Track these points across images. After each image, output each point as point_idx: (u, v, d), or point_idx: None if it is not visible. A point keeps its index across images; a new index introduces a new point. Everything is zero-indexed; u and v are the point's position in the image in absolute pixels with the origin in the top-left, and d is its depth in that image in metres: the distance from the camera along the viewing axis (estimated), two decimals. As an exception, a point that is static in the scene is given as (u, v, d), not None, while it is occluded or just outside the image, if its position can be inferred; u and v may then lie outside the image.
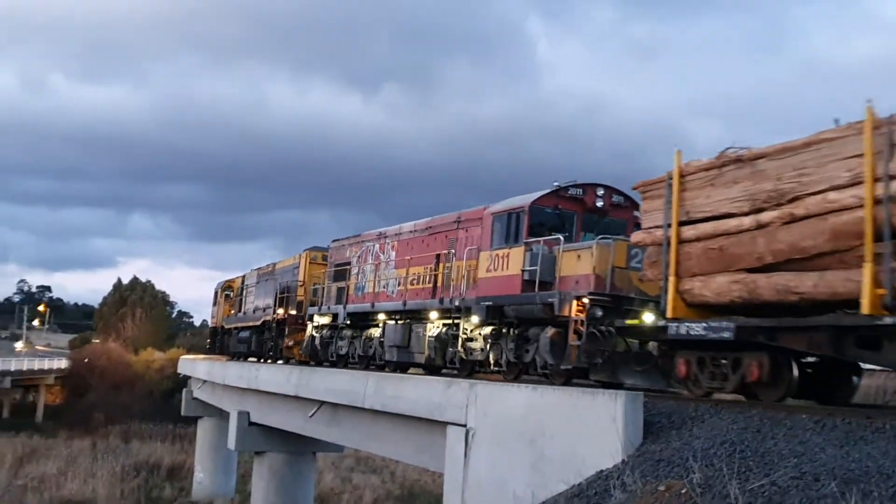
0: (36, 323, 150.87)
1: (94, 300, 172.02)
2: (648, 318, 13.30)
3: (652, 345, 13.88)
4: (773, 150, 11.12)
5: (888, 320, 9.04)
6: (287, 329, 32.22)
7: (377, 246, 24.95)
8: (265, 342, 35.28)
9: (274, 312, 34.03)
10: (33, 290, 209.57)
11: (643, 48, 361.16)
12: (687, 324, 11.79)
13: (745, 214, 11.29)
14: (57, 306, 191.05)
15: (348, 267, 26.41)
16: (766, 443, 9.35)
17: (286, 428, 25.20)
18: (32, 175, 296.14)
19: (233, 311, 43.70)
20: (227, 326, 44.66)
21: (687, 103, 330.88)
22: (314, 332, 28.16)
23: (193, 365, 44.77)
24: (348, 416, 20.03)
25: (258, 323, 36.53)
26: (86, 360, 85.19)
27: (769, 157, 11.17)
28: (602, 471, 10.03)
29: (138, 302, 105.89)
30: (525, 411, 12.06)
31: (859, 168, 9.67)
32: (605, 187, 17.94)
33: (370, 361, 24.33)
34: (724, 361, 11.81)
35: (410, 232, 23.16)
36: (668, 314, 12.22)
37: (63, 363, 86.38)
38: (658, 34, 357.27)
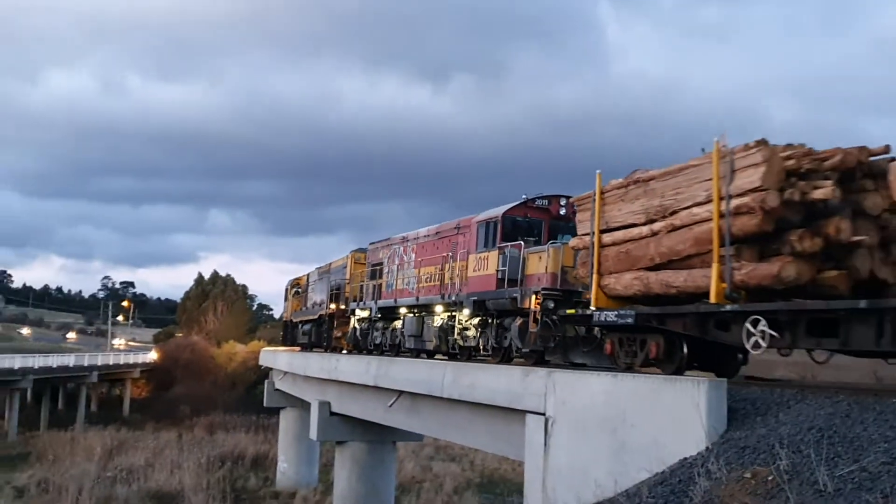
0: (120, 318, 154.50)
1: (176, 295, 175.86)
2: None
3: (597, 329, 16.39)
4: (659, 173, 14.02)
5: (728, 308, 12.02)
6: (336, 322, 36.06)
7: (401, 248, 28.42)
8: (321, 334, 39.09)
9: (327, 307, 37.60)
10: (117, 286, 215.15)
11: (713, 30, 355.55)
12: (605, 312, 14.73)
13: (643, 224, 14.22)
14: (140, 301, 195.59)
15: (381, 267, 29.94)
16: (854, 428, 9.12)
17: (366, 418, 25.43)
18: (115, 174, 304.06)
19: (299, 306, 46.33)
20: (294, 320, 47.55)
21: (760, 84, 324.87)
22: (356, 325, 31.75)
23: (274, 357, 45.46)
24: (427, 406, 20.13)
25: (316, 317, 40.46)
26: (170, 355, 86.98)
27: (657, 178, 14.03)
28: (685, 458, 9.91)
29: (219, 296, 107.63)
30: (605, 399, 11.99)
31: (711, 189, 12.52)
32: (567, 197, 20.84)
33: (398, 349, 27.66)
34: (634, 341, 14.76)
35: (425, 236, 26.58)
36: (592, 305, 15.19)
37: (148, 357, 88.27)
38: (728, 15, 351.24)
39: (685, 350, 13.80)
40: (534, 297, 18.45)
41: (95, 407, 78.24)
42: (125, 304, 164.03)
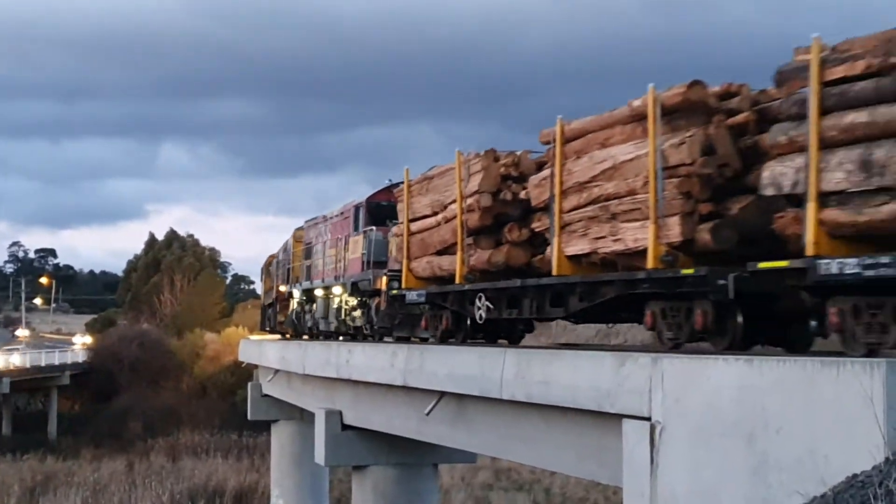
0: (38, 301, 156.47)
1: (117, 266, 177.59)
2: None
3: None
4: (436, 172, 23.87)
5: (466, 287, 21.83)
6: (280, 305, 47.45)
7: (324, 228, 37.81)
8: (270, 318, 50.13)
9: (277, 290, 47.88)
10: (31, 255, 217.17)
11: None
12: (413, 291, 24.39)
13: (431, 216, 23.81)
14: (66, 277, 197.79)
15: (310, 246, 39.96)
16: None
17: (394, 431, 25.65)
18: (23, 97, 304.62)
19: (271, 287, 52.00)
20: (265, 303, 54.47)
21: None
22: (294, 307, 42.36)
23: (260, 349, 45.78)
24: (480, 412, 20.26)
25: (271, 299, 50.21)
26: (111, 349, 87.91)
27: (436, 177, 23.90)
28: (855, 475, 9.92)
29: (176, 265, 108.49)
30: (737, 395, 12.00)
31: (457, 189, 21.94)
32: None
33: (318, 332, 38.27)
34: (438, 317, 24.44)
35: (337, 216, 35.89)
36: (403, 285, 24.85)
37: (80, 355, 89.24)
38: None
39: (468, 323, 23.04)
40: (384, 277, 27.68)
41: (9, 429, 79.26)
42: (43, 280, 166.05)
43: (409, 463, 29.18)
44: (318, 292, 37.31)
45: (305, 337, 40.71)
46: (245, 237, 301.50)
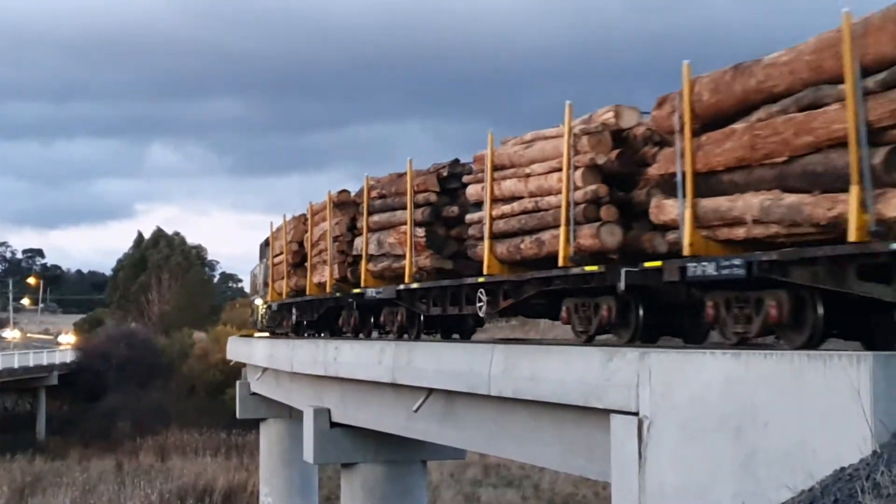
0: (26, 301, 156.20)
1: (106, 266, 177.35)
2: None
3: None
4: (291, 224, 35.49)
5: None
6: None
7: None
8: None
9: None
10: (19, 255, 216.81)
11: None
12: (273, 303, 39.03)
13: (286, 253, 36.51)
14: (53, 277, 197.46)
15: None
16: None
17: (382, 429, 25.63)
18: (15, 98, 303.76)
19: None
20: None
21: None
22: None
23: (249, 347, 45.69)
24: (468, 408, 20.25)
25: None
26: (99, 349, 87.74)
27: (289, 223, 36.24)
28: (843, 468, 9.92)
29: (164, 263, 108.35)
30: (725, 389, 12.00)
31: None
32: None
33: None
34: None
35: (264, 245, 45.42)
36: (269, 299, 40.92)
37: (68, 355, 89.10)
38: None
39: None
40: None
41: (-4, 429, 79.09)
42: (31, 280, 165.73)
43: (398, 460, 29.13)
44: (258, 301, 48.59)
45: (266, 334, 45.28)
46: (233, 236, 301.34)
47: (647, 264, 15.98)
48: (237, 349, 49.15)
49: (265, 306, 43.84)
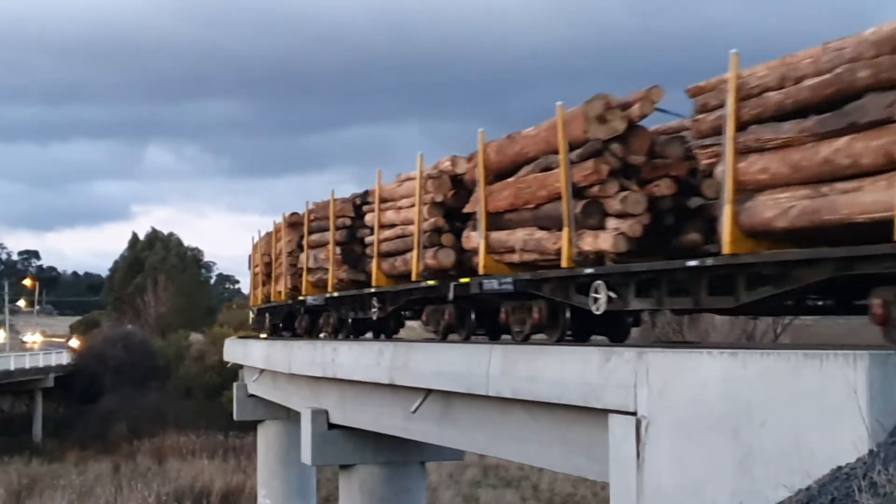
0: (21, 303, 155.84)
1: (103, 268, 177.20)
2: None
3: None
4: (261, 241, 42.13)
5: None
6: None
7: None
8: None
9: None
10: (14, 257, 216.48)
11: None
12: (255, 307, 43.36)
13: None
14: (50, 279, 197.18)
15: None
16: None
17: (381, 430, 25.66)
18: (11, 101, 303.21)
19: None
20: None
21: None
22: None
23: (245, 349, 45.67)
24: (467, 409, 20.29)
25: None
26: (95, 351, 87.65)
27: (263, 238, 42.39)
28: (840, 467, 9.97)
29: (160, 265, 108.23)
30: (722, 388, 12.04)
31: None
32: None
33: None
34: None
35: None
36: (253, 303, 46.51)
37: (64, 358, 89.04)
38: None
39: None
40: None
41: (-7, 432, 79.04)
42: (27, 282, 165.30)
43: (397, 461, 29.16)
44: None
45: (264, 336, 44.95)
46: (230, 237, 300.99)
47: (462, 280, 21.25)
48: (234, 351, 49.13)
49: (251, 310, 47.76)
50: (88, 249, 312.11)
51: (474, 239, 20.61)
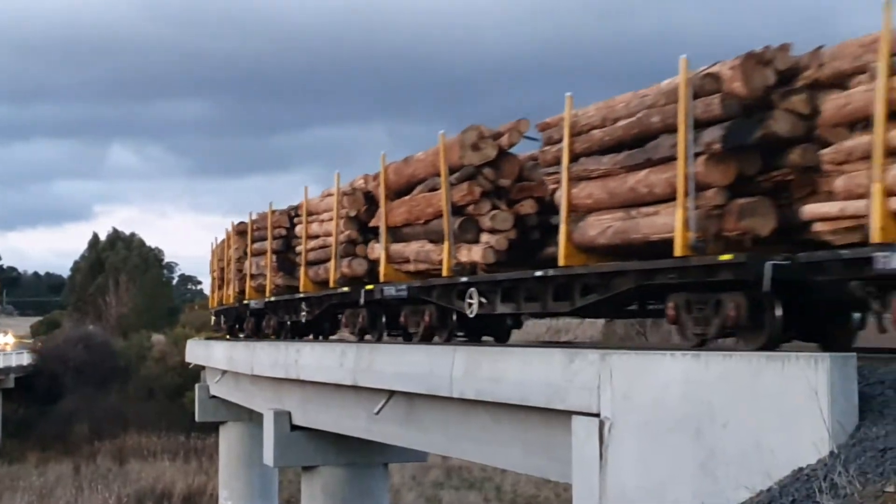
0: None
1: (64, 268, 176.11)
2: None
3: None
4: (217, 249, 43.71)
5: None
6: None
7: None
8: None
9: None
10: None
11: None
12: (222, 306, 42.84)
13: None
14: (10, 279, 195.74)
15: None
16: None
17: (343, 431, 25.61)
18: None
19: None
20: None
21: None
22: None
23: (208, 350, 45.52)
24: (430, 410, 20.29)
25: None
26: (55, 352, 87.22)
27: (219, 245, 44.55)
28: (801, 469, 10.03)
29: (121, 265, 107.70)
30: (684, 390, 12.10)
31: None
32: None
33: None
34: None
35: None
36: (213, 304, 47.22)
37: (25, 358, 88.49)
38: None
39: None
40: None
41: (-48, 434, 78.57)
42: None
43: (359, 463, 29.15)
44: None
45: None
46: (193, 238, 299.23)
47: (367, 287, 23.66)
48: (196, 352, 48.93)
49: (212, 312, 49.22)
50: (50, 249, 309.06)
51: (377, 250, 23.25)
